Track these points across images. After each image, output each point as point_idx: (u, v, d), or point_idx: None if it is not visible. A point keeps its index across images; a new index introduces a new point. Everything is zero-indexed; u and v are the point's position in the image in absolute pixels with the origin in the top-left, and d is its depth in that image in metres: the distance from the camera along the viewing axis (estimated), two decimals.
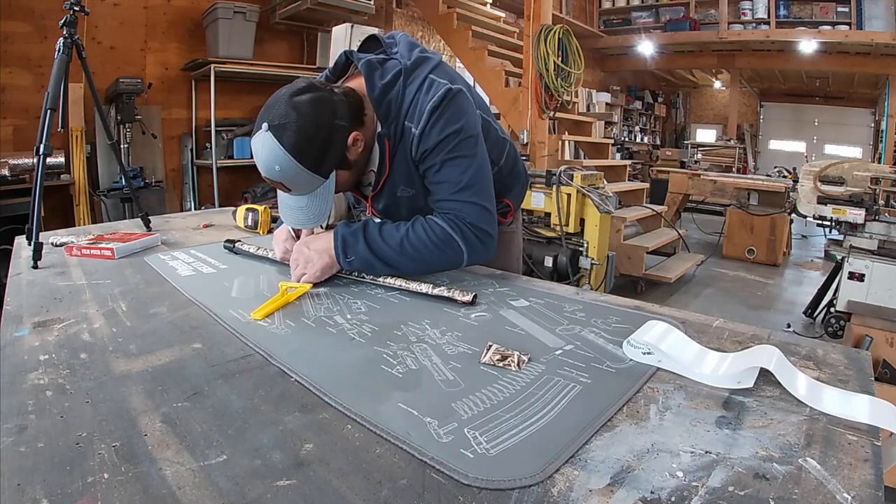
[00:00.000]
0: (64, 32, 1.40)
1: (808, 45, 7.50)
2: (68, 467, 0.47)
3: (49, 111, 1.29)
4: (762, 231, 5.19)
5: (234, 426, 0.54)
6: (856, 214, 3.05)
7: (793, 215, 5.08)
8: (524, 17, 4.36)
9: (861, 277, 2.87)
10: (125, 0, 3.79)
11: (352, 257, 0.99)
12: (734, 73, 9.41)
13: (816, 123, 11.08)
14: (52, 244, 1.30)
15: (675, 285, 4.40)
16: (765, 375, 0.63)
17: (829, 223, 3.23)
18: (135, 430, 0.53)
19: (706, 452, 0.50)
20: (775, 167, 7.24)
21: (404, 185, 1.06)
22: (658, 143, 11.87)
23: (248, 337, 0.76)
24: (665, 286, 4.34)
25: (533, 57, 4.15)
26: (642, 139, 11.22)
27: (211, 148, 4.08)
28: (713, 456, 0.49)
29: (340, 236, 0.99)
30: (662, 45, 8.72)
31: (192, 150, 4.24)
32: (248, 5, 4.07)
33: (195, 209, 4.17)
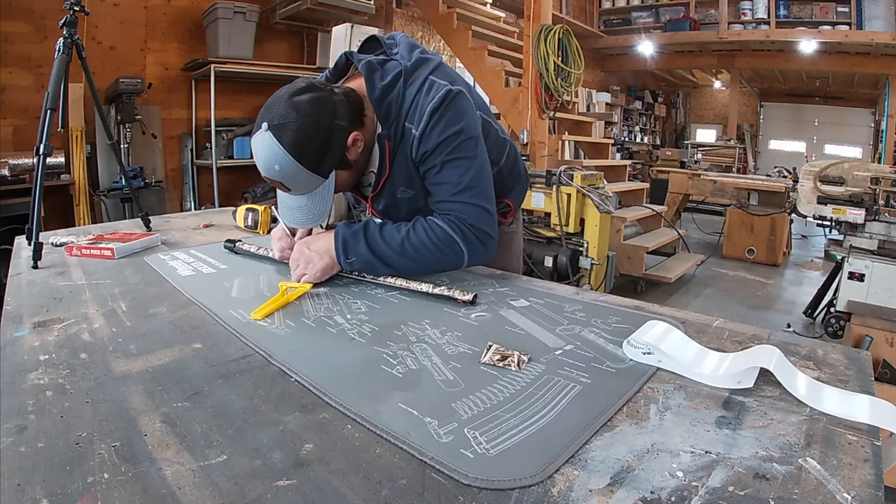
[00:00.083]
0: (64, 32, 1.40)
1: (808, 45, 7.50)
2: (68, 467, 0.47)
3: (49, 111, 1.29)
4: (762, 231, 5.19)
5: (234, 426, 0.54)
6: (856, 214, 3.05)
7: (793, 215, 5.08)
8: (524, 17, 4.36)
9: (861, 277, 2.87)
10: (125, 0, 3.80)
11: (352, 258, 0.99)
12: (734, 73, 9.41)
13: (816, 123, 11.08)
14: (52, 244, 1.30)
15: (675, 285, 4.40)
16: (765, 375, 0.63)
17: (829, 223, 3.24)
18: (135, 430, 0.53)
19: (706, 452, 0.50)
20: (775, 167, 7.25)
21: (404, 186, 1.06)
22: (658, 143, 11.87)
23: (248, 337, 0.76)
24: (665, 286, 4.34)
25: (533, 57, 4.15)
26: (642, 139, 11.22)
27: (211, 148, 4.08)
28: (713, 456, 0.49)
29: (341, 237, 0.99)
30: (662, 45, 8.72)
31: (192, 150, 4.25)
32: (248, 5, 4.07)
33: (195, 209, 4.17)
